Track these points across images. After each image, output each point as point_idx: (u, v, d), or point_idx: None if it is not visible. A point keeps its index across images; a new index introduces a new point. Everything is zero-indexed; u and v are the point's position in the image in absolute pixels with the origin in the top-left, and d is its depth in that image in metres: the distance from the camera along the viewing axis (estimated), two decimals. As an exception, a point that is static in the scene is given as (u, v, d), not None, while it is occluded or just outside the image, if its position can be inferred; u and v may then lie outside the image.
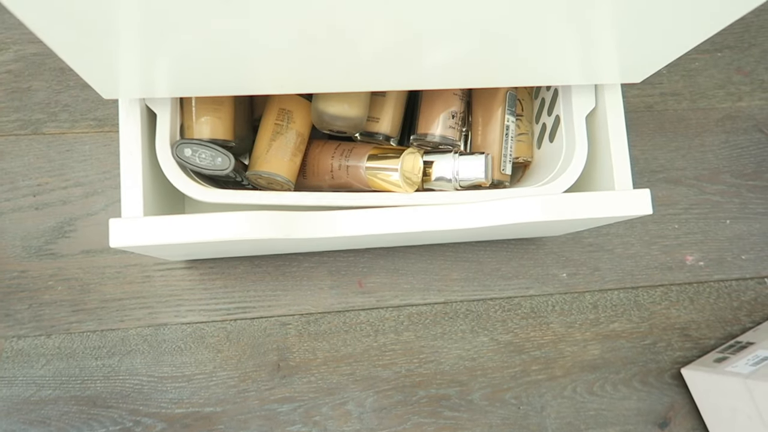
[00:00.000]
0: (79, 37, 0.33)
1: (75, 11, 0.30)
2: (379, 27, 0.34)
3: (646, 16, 0.36)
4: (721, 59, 0.73)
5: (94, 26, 0.32)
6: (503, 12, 0.34)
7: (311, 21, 0.33)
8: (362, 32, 0.35)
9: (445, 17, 0.34)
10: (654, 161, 0.70)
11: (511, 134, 0.54)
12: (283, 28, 0.34)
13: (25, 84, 0.63)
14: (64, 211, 0.62)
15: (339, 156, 0.50)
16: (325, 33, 0.35)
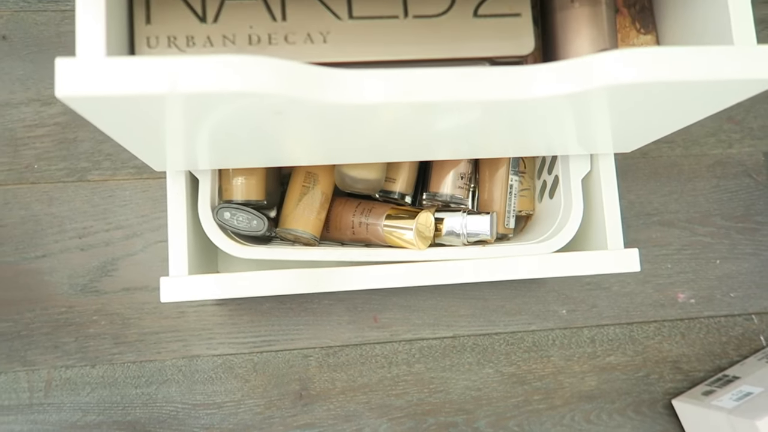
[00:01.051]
0: (139, 138, 0.39)
1: (140, 126, 0.37)
2: (405, 127, 0.40)
3: (637, 115, 0.42)
4: (713, 108, 0.78)
5: (154, 135, 0.38)
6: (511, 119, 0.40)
7: (343, 125, 0.39)
8: (388, 136, 0.41)
9: (459, 121, 0.40)
10: (649, 204, 0.75)
11: (514, 192, 0.60)
12: (320, 130, 0.40)
13: (72, 135, 0.70)
14: (106, 252, 0.68)
15: (359, 214, 0.56)
16: (354, 132, 0.41)
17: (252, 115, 0.35)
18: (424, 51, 0.40)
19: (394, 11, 0.40)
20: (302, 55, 0.39)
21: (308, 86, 0.33)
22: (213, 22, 0.38)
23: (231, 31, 0.38)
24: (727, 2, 0.38)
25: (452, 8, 0.40)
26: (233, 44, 0.38)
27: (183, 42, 0.38)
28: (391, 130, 0.41)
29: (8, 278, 0.67)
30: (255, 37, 0.38)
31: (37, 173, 0.69)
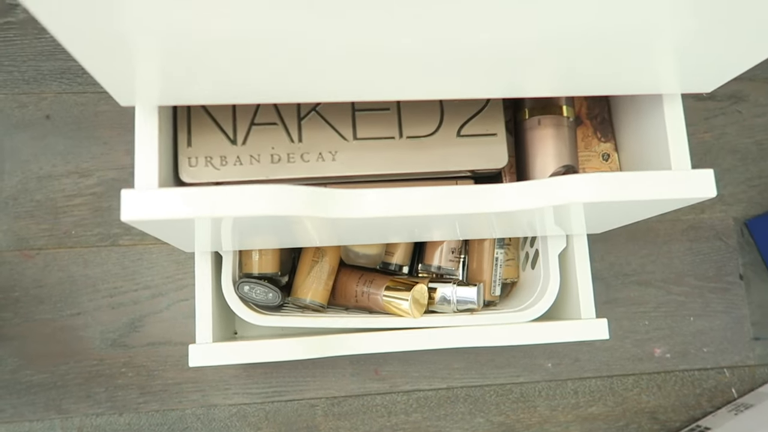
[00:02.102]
0: (178, 237, 0.48)
1: (182, 233, 0.45)
2: (401, 226, 0.49)
3: (598, 215, 0.50)
4: (686, 177, 0.86)
5: (190, 236, 0.47)
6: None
7: (350, 227, 0.48)
8: (387, 230, 0.49)
9: (446, 222, 0.48)
10: (627, 265, 0.83)
11: (499, 263, 0.68)
12: (329, 230, 0.48)
13: (106, 204, 0.79)
14: (134, 310, 0.77)
15: (362, 284, 0.65)
16: (359, 230, 0.49)
17: (275, 223, 0.44)
18: (416, 166, 0.48)
19: (391, 133, 0.48)
20: (315, 171, 0.47)
21: (322, 207, 0.41)
22: (242, 144, 0.47)
23: (257, 151, 0.47)
24: (665, 128, 0.47)
25: (439, 130, 0.49)
26: (258, 162, 0.47)
27: (218, 161, 0.47)
28: (390, 227, 0.50)
29: (47, 334, 0.75)
30: (276, 156, 0.47)
31: (75, 238, 0.78)
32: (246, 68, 0.36)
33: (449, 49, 0.35)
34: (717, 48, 0.38)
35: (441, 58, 0.37)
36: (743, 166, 0.87)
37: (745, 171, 0.87)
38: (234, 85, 0.39)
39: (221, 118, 0.47)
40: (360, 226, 0.47)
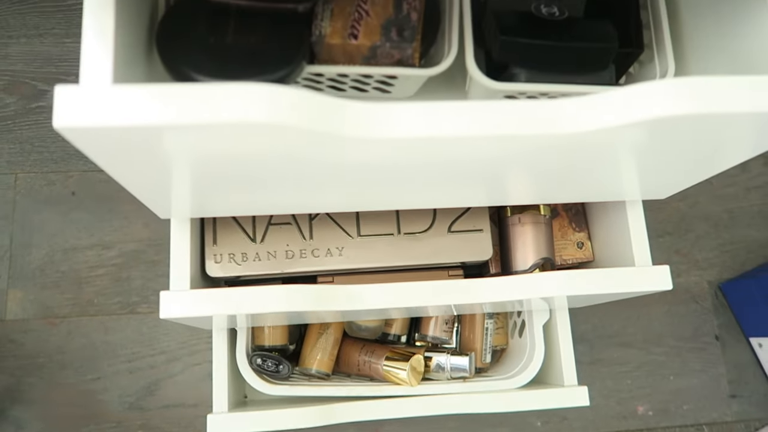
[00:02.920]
0: (204, 323, 0.55)
1: (207, 321, 0.52)
2: (403, 311, 0.56)
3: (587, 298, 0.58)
4: (662, 243, 0.94)
5: (215, 323, 0.54)
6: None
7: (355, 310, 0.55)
8: (389, 312, 0.56)
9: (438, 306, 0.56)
10: (610, 328, 0.90)
11: (489, 332, 0.75)
12: (335, 312, 0.55)
13: (126, 274, 0.86)
14: (151, 374, 0.83)
15: (364, 354, 0.71)
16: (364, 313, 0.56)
17: (290, 314, 0.51)
18: (412, 259, 0.56)
19: (390, 230, 0.56)
20: (324, 265, 0.55)
21: (330, 302, 0.48)
22: (261, 242, 0.54)
23: (273, 248, 0.54)
24: (628, 228, 0.54)
25: (432, 227, 0.56)
26: (275, 258, 0.54)
27: (239, 258, 0.54)
28: (389, 311, 0.57)
29: (68, 397, 0.81)
30: (290, 252, 0.55)
31: (96, 307, 0.84)
32: (266, 196, 0.44)
33: (446, 176, 0.43)
34: (668, 174, 0.46)
35: (438, 183, 0.45)
36: (715, 233, 0.95)
37: (718, 237, 0.95)
38: (256, 204, 0.47)
39: (243, 218, 0.55)
40: (363, 312, 0.54)
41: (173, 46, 0.39)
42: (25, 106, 0.89)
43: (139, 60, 0.39)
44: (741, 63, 0.42)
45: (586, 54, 0.43)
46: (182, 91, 0.30)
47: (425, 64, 0.47)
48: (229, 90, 0.30)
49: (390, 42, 0.42)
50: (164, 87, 0.30)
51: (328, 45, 0.42)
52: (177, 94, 0.29)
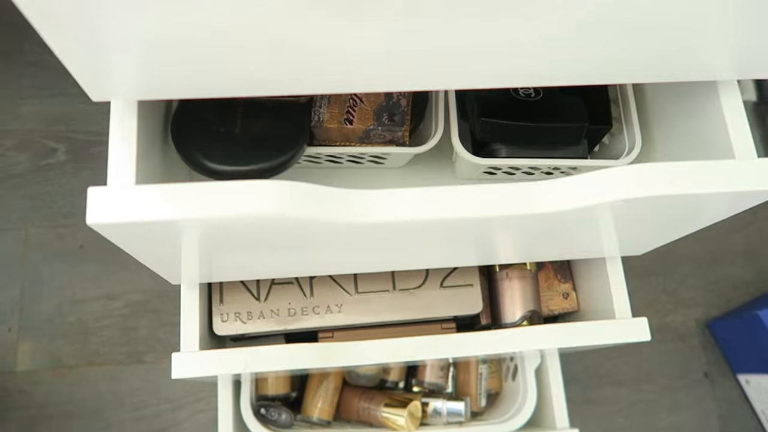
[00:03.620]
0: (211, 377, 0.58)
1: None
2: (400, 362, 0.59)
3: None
4: (649, 283, 0.98)
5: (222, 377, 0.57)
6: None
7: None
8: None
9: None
10: (601, 367, 0.94)
11: (484, 377, 0.78)
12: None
13: (132, 324, 0.89)
14: (157, 422, 0.86)
15: (363, 401, 0.74)
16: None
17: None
18: (407, 314, 0.60)
19: (386, 287, 0.60)
20: (325, 322, 0.59)
21: (330, 358, 0.52)
22: (264, 300, 0.58)
23: (276, 306, 0.58)
24: (609, 282, 0.58)
25: (425, 283, 0.60)
26: (278, 315, 0.58)
27: (245, 316, 0.58)
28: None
29: (77, 447, 0.84)
30: (293, 310, 0.59)
31: (103, 357, 0.88)
32: (271, 265, 0.48)
33: (438, 245, 0.47)
34: (642, 236, 0.51)
35: (431, 249, 0.49)
36: (700, 272, 0.99)
37: (702, 276, 0.99)
38: (261, 271, 0.51)
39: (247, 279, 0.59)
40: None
41: (187, 137, 0.43)
42: (36, 164, 0.94)
43: (156, 149, 0.44)
44: (699, 138, 0.46)
45: (561, 132, 0.48)
46: (193, 190, 0.34)
47: (415, 139, 0.52)
48: (240, 187, 0.35)
49: (382, 126, 0.46)
50: (177, 188, 0.34)
51: (326, 129, 0.47)
52: (187, 196, 0.34)
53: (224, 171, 0.43)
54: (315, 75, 0.36)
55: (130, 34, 0.30)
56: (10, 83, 0.97)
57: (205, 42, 0.31)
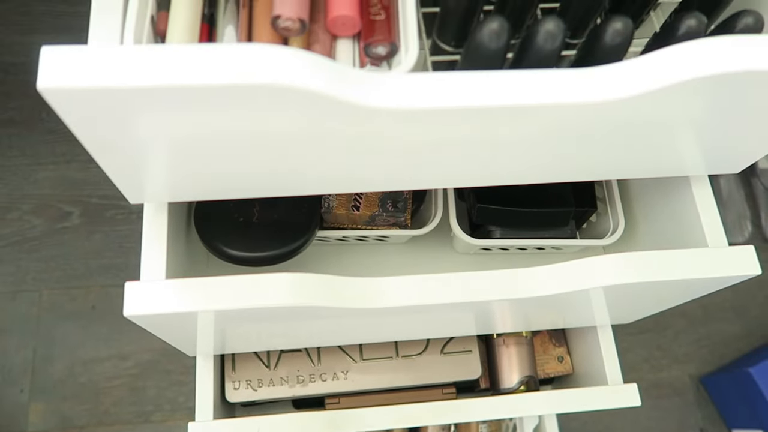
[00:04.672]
0: None
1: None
2: (394, 431, 0.63)
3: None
4: (644, 339, 1.02)
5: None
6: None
7: None
8: None
9: (431, 426, 0.62)
10: (599, 423, 0.96)
11: (484, 436, 0.81)
12: None
13: (141, 383, 0.92)
14: (163, 482, 0.88)
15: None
16: None
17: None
18: (410, 380, 0.63)
19: (389, 353, 0.64)
20: (331, 388, 0.62)
21: (339, 424, 0.55)
22: (274, 368, 0.62)
23: (285, 373, 0.62)
24: (600, 350, 0.62)
25: (426, 349, 0.64)
26: (287, 383, 0.62)
27: (255, 384, 0.61)
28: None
29: (84, 508, 0.86)
30: (301, 377, 0.62)
31: (113, 416, 0.90)
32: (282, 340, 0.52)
33: (438, 321, 0.52)
34: (630, 309, 0.55)
35: (431, 325, 0.53)
36: (692, 328, 1.03)
37: (695, 332, 1.03)
38: (272, 344, 0.55)
39: (258, 347, 0.63)
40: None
41: (209, 226, 0.48)
42: (51, 227, 0.98)
43: (181, 236, 0.48)
44: (676, 221, 0.51)
45: (550, 216, 0.52)
46: (216, 285, 0.39)
47: (416, 220, 0.56)
48: (259, 281, 0.39)
49: (387, 212, 0.51)
50: (201, 282, 0.39)
51: (335, 214, 0.51)
52: (211, 290, 0.39)
53: (243, 257, 0.48)
54: (324, 182, 0.41)
55: (170, 164, 0.35)
56: (29, 150, 1.02)
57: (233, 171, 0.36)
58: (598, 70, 0.33)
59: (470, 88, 0.32)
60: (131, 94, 0.28)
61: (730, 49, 0.32)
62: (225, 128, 0.32)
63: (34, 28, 1.10)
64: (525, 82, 0.32)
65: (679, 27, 0.36)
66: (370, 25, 0.36)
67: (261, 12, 0.37)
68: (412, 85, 0.32)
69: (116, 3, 0.36)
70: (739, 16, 0.37)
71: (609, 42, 0.35)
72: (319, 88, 0.29)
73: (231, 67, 0.28)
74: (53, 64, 0.28)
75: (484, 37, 0.34)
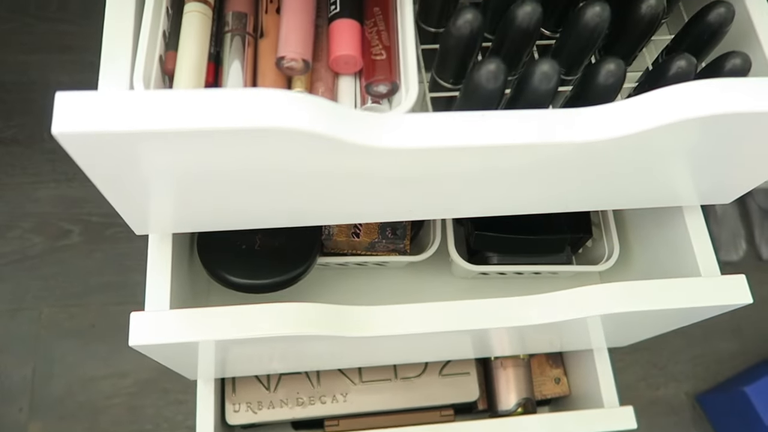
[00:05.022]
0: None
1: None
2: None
3: None
4: (640, 357, 1.02)
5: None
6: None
7: (356, 458, 0.62)
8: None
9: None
10: (597, 442, 0.97)
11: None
12: (340, 459, 0.63)
13: (139, 402, 0.92)
14: (162, 502, 0.88)
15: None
16: None
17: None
18: (408, 402, 0.64)
19: (388, 376, 0.64)
20: (330, 410, 0.63)
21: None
22: (274, 391, 0.63)
23: (285, 396, 0.63)
24: (597, 373, 0.63)
25: (425, 372, 0.65)
26: (287, 405, 0.62)
27: (255, 406, 0.62)
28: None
29: None
30: (300, 400, 0.63)
31: (111, 435, 0.90)
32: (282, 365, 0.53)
33: (437, 346, 0.52)
34: (626, 334, 0.56)
35: (430, 349, 0.54)
36: (688, 346, 1.04)
37: (691, 350, 1.04)
38: (272, 368, 0.56)
39: (258, 370, 0.64)
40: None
41: (212, 254, 0.49)
42: (52, 245, 0.99)
43: (184, 263, 0.49)
44: (670, 248, 0.52)
45: (546, 242, 0.54)
46: (218, 315, 0.40)
47: (415, 245, 0.57)
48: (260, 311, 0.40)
49: (386, 239, 0.52)
50: (204, 312, 0.40)
51: (335, 241, 0.52)
52: (213, 320, 0.40)
53: (246, 284, 0.48)
54: (325, 214, 0.42)
55: (176, 199, 0.36)
56: (30, 168, 1.03)
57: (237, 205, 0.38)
58: (585, 111, 0.34)
59: (464, 129, 0.33)
60: (141, 137, 0.29)
61: (717, 93, 0.33)
62: (230, 167, 0.33)
63: (36, 47, 1.11)
64: (515, 123, 0.33)
65: (670, 68, 0.37)
66: (372, 65, 0.38)
67: (265, 51, 0.39)
68: (411, 126, 0.33)
69: (126, 42, 0.37)
70: (727, 56, 0.38)
71: (602, 82, 0.37)
72: (322, 131, 0.30)
73: (237, 112, 0.29)
74: (67, 109, 0.29)
75: (481, 78, 0.35)
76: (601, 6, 0.37)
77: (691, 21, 0.42)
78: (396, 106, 0.37)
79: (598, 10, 0.37)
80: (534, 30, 0.38)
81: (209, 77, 0.38)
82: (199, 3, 0.38)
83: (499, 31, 0.40)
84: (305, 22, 0.38)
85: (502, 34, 0.39)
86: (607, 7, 0.37)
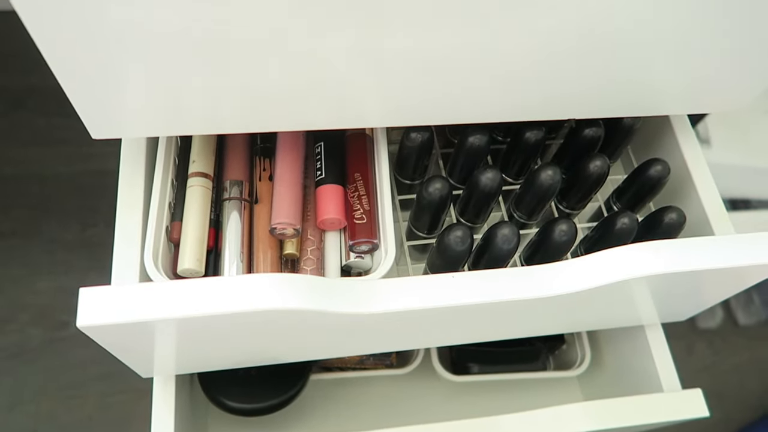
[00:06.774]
0: None
1: None
2: None
3: None
4: (627, 428, 1.06)
5: None
6: None
7: None
8: None
9: None
10: None
11: None
12: None
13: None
14: None
15: None
16: None
17: None
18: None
19: None
20: None
21: None
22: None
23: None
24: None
25: None
26: None
27: None
28: None
29: None
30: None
31: None
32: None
33: None
34: None
35: None
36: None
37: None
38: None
39: None
40: None
41: (210, 379, 0.53)
42: (50, 337, 1.03)
43: (185, 389, 0.53)
44: (637, 357, 0.57)
45: (522, 354, 0.59)
46: None
47: (401, 356, 0.62)
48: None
49: (374, 356, 0.57)
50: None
51: (327, 360, 0.57)
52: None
53: (243, 409, 0.53)
54: (317, 352, 0.47)
55: (180, 355, 0.41)
56: (29, 261, 1.07)
57: (234, 352, 0.42)
58: (541, 269, 0.40)
59: (435, 293, 0.38)
60: (154, 324, 0.34)
61: (652, 257, 0.39)
62: (229, 331, 0.38)
63: (33, 140, 1.16)
64: (481, 284, 0.39)
65: (616, 223, 0.43)
66: (354, 228, 0.43)
67: (260, 215, 0.44)
68: (385, 292, 0.38)
69: (136, 213, 0.42)
70: (665, 211, 0.44)
71: (557, 239, 0.42)
72: (308, 307, 0.35)
73: (234, 298, 0.35)
74: (90, 303, 0.34)
75: (450, 241, 0.41)
76: (553, 170, 0.43)
77: (636, 171, 0.48)
78: (376, 267, 0.43)
79: (551, 173, 0.43)
80: (496, 191, 0.44)
81: (210, 242, 0.43)
82: (201, 177, 0.43)
83: (466, 188, 0.46)
84: (294, 192, 0.43)
85: (468, 193, 0.45)
86: (558, 171, 0.43)
